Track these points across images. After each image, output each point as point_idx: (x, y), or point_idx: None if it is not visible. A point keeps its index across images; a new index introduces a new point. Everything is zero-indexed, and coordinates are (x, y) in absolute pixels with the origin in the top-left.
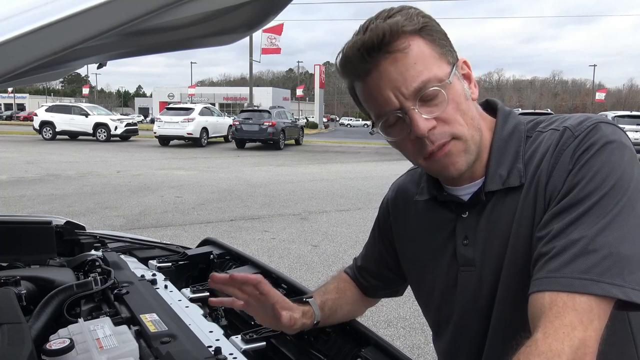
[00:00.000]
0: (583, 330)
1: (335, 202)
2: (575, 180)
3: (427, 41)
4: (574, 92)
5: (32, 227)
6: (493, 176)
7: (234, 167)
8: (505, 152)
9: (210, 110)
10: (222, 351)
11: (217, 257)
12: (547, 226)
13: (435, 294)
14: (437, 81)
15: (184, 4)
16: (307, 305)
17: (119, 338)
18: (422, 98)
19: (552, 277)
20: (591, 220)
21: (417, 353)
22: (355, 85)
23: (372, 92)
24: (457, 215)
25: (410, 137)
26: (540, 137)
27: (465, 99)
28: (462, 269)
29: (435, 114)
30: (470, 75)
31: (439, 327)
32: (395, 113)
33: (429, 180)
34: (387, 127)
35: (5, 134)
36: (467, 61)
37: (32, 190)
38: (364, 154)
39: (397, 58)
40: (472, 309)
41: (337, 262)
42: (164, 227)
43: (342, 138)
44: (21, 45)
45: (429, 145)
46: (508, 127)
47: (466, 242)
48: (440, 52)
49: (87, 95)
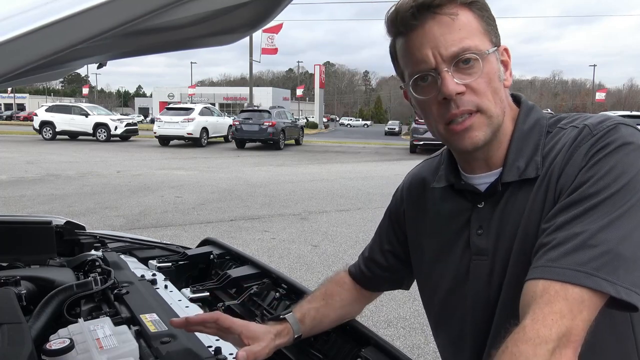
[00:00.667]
0: (571, 319)
1: (335, 202)
2: (586, 176)
3: (475, 15)
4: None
5: (32, 227)
6: (511, 167)
7: (234, 167)
8: (525, 144)
9: (210, 110)
10: (222, 351)
11: (217, 257)
12: (552, 219)
13: (445, 283)
14: (476, 50)
15: (184, 3)
16: (284, 323)
17: (119, 338)
18: (458, 63)
19: (549, 266)
20: (596, 216)
21: (417, 353)
22: (397, 41)
23: (412, 48)
24: (473, 204)
25: (437, 99)
26: (561, 133)
27: (498, 80)
28: (475, 258)
29: (467, 81)
30: (509, 63)
31: (444, 316)
32: (428, 72)
33: (448, 167)
34: (417, 85)
35: (5, 134)
36: (508, 49)
37: (32, 190)
38: (364, 154)
39: (444, 21)
40: (482, 298)
41: (337, 262)
42: (164, 227)
43: (342, 138)
44: (21, 45)
45: (453, 107)
46: (530, 120)
47: (480, 232)
48: (486, 29)
49: (87, 95)
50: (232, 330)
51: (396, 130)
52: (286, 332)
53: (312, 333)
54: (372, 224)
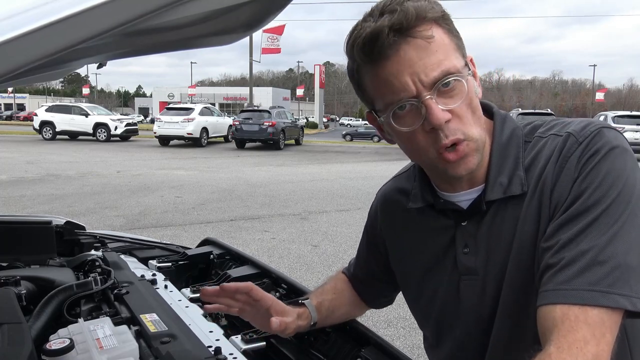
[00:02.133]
0: (596, 345)
1: (335, 202)
2: (581, 188)
3: (445, 31)
4: (574, 92)
5: (32, 227)
6: (493, 184)
7: (234, 167)
8: (505, 158)
9: (210, 110)
10: (222, 351)
11: (217, 257)
12: (554, 236)
13: (436, 304)
14: (456, 72)
15: (184, 3)
16: (303, 307)
17: (119, 338)
18: (440, 88)
19: (563, 289)
20: (599, 229)
21: (417, 353)
22: (365, 69)
23: (387, 77)
24: (456, 222)
25: (424, 128)
26: (541, 142)
27: (475, 96)
28: (464, 278)
29: (451, 106)
30: (476, 73)
31: (439, 337)
32: (410, 101)
33: (422, 185)
34: (397, 117)
35: (5, 134)
36: (472, 58)
37: (32, 190)
38: (364, 154)
39: (419, 44)
40: (475, 319)
41: (337, 262)
42: (164, 227)
43: (342, 138)
44: (21, 45)
45: (442, 138)
46: (506, 132)
47: (467, 251)
48: (457, 44)
49: (87, 95)
50: (263, 302)
51: None
52: (305, 316)
53: (324, 323)
54: None
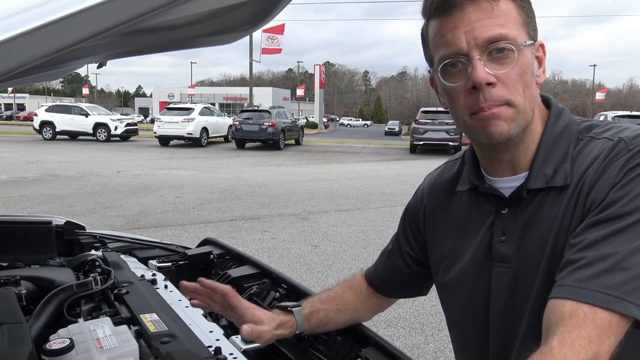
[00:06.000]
0: (599, 345)
1: (335, 202)
2: (619, 194)
3: (516, 5)
4: (574, 92)
5: (32, 227)
6: (537, 173)
7: (234, 167)
8: (554, 149)
9: (210, 110)
10: (222, 351)
11: (217, 257)
12: (582, 234)
13: (466, 287)
14: (512, 40)
15: (184, 3)
16: (289, 316)
17: (119, 338)
18: (491, 52)
19: (578, 286)
20: (628, 237)
21: (417, 353)
22: (431, 23)
23: (445, 30)
24: (497, 210)
25: (466, 87)
26: (592, 143)
27: (531, 74)
28: (497, 265)
29: (499, 72)
30: (543, 60)
31: (464, 321)
32: (458, 57)
33: (471, 169)
34: (446, 71)
35: (5, 134)
36: (544, 46)
37: (32, 190)
38: (364, 154)
39: (483, 6)
40: (506, 306)
41: (337, 262)
42: (164, 227)
43: (342, 138)
44: (21, 44)
45: (481, 100)
46: (560, 125)
47: (503, 239)
48: (525, 20)
49: (87, 95)
50: (236, 310)
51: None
52: (290, 325)
53: (314, 332)
54: (372, 224)
